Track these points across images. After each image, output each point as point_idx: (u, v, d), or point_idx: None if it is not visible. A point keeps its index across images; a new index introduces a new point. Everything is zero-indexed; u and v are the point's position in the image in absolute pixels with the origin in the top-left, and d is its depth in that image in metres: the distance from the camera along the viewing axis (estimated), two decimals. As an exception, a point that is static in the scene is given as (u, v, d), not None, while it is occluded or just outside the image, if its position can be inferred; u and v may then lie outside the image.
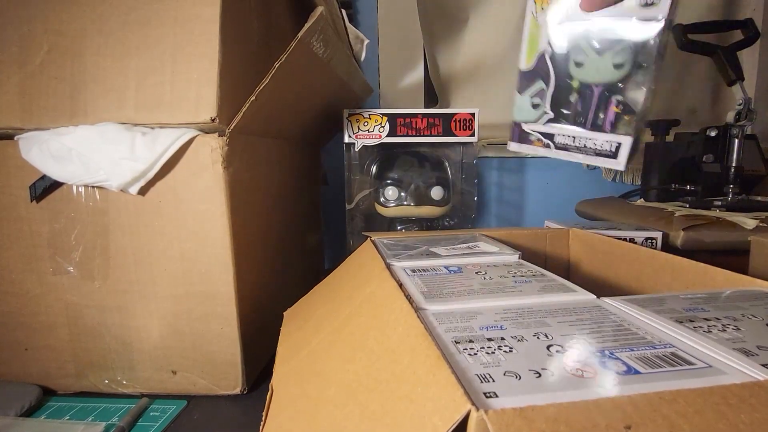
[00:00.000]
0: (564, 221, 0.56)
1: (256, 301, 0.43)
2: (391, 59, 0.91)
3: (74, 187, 0.37)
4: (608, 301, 0.26)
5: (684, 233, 0.57)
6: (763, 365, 0.18)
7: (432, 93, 0.95)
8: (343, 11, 0.58)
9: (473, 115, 0.61)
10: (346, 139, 0.60)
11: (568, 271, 0.51)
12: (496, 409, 0.14)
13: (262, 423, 0.26)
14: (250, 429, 0.36)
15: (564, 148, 0.42)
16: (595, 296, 0.27)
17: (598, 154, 0.40)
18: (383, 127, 0.60)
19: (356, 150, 0.61)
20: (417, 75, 0.92)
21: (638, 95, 0.38)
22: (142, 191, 0.37)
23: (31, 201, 0.38)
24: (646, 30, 0.37)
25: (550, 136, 0.43)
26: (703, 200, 0.71)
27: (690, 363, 0.18)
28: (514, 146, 0.46)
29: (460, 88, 0.97)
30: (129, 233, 0.38)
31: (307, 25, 0.37)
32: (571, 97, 0.41)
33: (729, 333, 0.21)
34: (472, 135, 0.61)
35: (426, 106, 0.94)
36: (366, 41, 0.69)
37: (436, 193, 0.62)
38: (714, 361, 0.18)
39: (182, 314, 0.39)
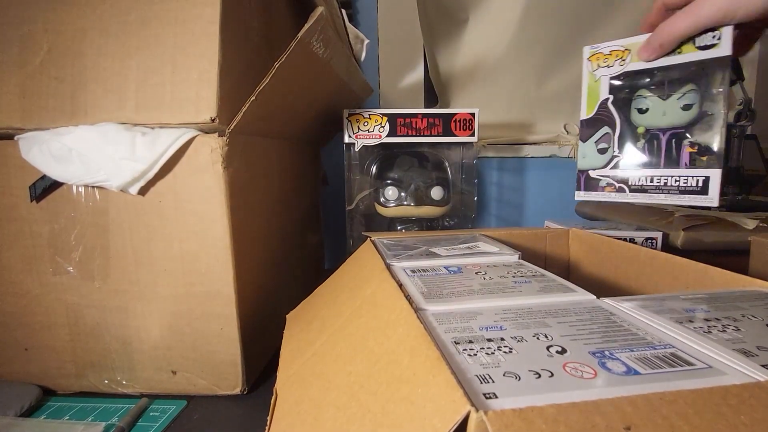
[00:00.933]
0: (564, 221, 0.56)
1: (256, 301, 0.43)
2: (391, 59, 0.91)
3: (74, 187, 0.37)
4: (608, 302, 0.26)
5: (684, 233, 0.57)
6: (762, 366, 0.18)
7: (432, 93, 0.95)
8: (343, 11, 0.58)
9: (473, 115, 0.61)
10: (346, 139, 0.60)
11: (568, 271, 0.51)
12: (495, 410, 0.14)
13: (267, 427, 0.26)
14: (250, 429, 0.36)
15: (641, 189, 0.40)
16: (594, 296, 0.27)
17: (683, 191, 0.38)
18: (383, 127, 0.60)
19: (356, 150, 0.61)
20: (417, 75, 0.92)
21: (709, 138, 0.37)
22: (142, 191, 0.37)
23: (31, 201, 0.38)
24: (711, 67, 0.36)
25: (623, 180, 0.41)
26: (703, 200, 0.71)
27: (690, 363, 0.18)
28: (581, 195, 0.44)
29: (460, 88, 0.97)
30: (129, 233, 0.38)
31: (307, 25, 0.37)
32: (638, 144, 0.40)
33: (729, 333, 0.21)
34: (472, 135, 0.61)
35: (426, 106, 0.94)
36: (366, 41, 0.69)
37: (436, 193, 0.62)
38: (714, 362, 0.18)
39: (182, 314, 0.39)
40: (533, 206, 0.95)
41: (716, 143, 0.37)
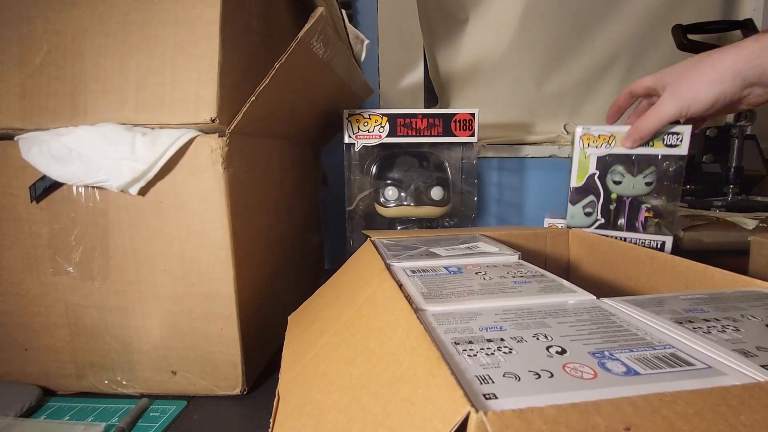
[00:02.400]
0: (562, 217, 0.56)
1: (256, 301, 0.43)
2: (391, 59, 0.91)
3: (74, 188, 0.37)
4: (608, 302, 0.26)
5: (684, 233, 0.57)
6: (762, 366, 0.18)
7: (432, 93, 0.95)
8: (343, 11, 0.58)
9: (473, 115, 0.61)
10: (346, 139, 0.60)
11: (568, 271, 0.51)
12: (495, 410, 0.14)
13: (269, 430, 0.26)
14: (250, 430, 0.36)
15: None
16: (594, 297, 0.27)
17: None
18: (383, 127, 0.60)
19: (356, 150, 0.61)
20: (417, 75, 0.92)
21: (660, 204, 0.53)
22: (142, 191, 0.36)
23: (31, 201, 0.38)
24: (670, 162, 0.52)
25: None
26: (703, 200, 0.71)
27: (689, 364, 0.18)
28: None
29: (460, 88, 0.97)
30: (129, 233, 0.38)
31: (307, 26, 0.37)
32: (611, 206, 0.55)
33: (728, 334, 0.21)
34: (472, 135, 0.61)
35: (426, 106, 0.94)
36: (366, 41, 0.69)
37: (436, 193, 0.62)
38: (713, 362, 0.18)
39: (182, 314, 0.39)
40: (533, 206, 0.95)
41: (666, 208, 0.53)
